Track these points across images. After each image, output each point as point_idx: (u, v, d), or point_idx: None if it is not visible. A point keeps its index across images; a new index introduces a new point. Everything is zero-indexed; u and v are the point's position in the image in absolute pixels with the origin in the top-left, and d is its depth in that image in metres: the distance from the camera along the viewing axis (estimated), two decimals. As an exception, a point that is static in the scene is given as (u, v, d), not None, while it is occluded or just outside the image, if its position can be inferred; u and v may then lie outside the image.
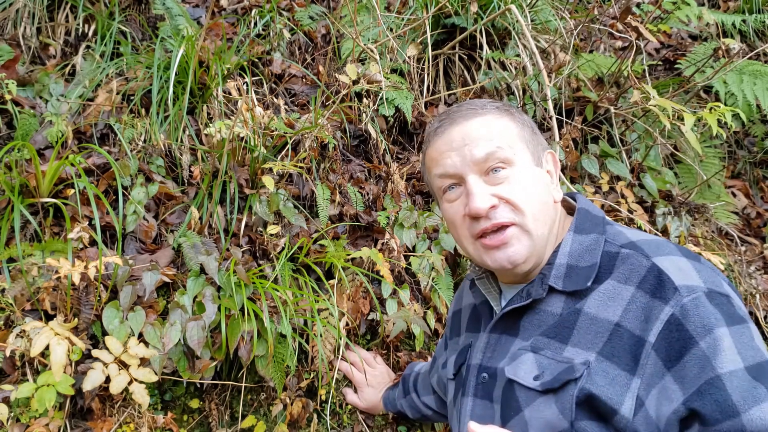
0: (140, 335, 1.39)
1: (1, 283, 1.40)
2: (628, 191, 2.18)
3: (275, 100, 2.09)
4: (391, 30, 2.30)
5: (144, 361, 1.36)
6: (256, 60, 2.19)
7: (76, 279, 1.32)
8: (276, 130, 1.83)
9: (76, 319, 1.38)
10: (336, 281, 1.64)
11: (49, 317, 1.40)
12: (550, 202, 1.01)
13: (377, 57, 2.02)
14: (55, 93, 1.88)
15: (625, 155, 2.26)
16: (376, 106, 2.07)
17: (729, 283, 0.89)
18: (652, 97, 1.82)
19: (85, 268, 1.35)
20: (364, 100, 1.99)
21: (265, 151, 1.80)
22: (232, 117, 1.94)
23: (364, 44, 2.05)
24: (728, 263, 2.14)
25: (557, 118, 2.13)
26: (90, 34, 2.13)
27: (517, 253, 0.96)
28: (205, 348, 1.42)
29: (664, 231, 2.12)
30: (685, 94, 2.43)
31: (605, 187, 2.17)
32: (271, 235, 1.68)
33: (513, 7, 2.08)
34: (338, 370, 1.62)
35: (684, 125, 1.77)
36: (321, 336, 1.55)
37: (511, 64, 2.31)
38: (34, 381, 1.28)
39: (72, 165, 1.59)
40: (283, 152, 1.87)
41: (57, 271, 1.34)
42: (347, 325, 1.65)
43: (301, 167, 1.82)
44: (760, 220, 2.47)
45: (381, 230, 1.82)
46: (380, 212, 1.85)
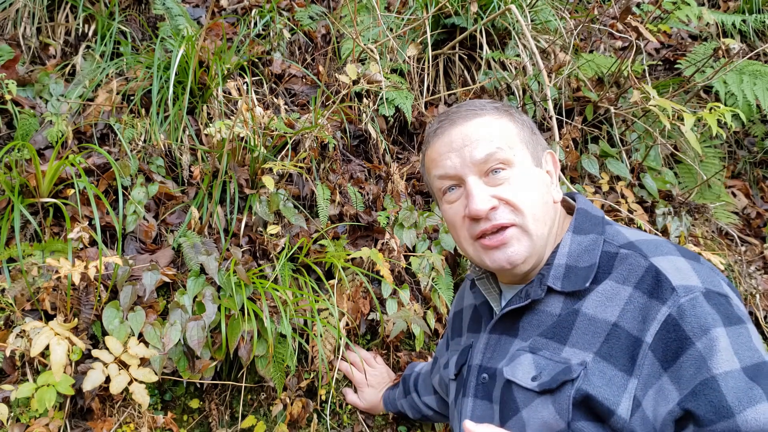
0: (140, 335, 1.39)
1: (1, 283, 1.40)
2: (628, 191, 2.18)
3: (275, 100, 2.09)
4: (391, 30, 2.30)
5: (144, 361, 1.36)
6: (256, 60, 2.19)
7: (76, 279, 1.32)
8: (276, 130, 1.83)
9: (76, 319, 1.38)
10: (336, 281, 1.64)
11: (49, 317, 1.40)
12: (549, 203, 1.01)
13: (377, 57, 2.02)
14: (55, 93, 1.88)
15: (625, 155, 2.26)
16: (376, 106, 2.07)
17: (729, 283, 0.89)
18: (652, 97, 1.82)
19: (85, 268, 1.35)
20: (364, 100, 1.99)
21: (265, 151, 1.80)
22: (232, 117, 1.94)
23: (364, 44, 2.04)
24: (728, 263, 2.14)
25: (557, 118, 2.13)
26: (90, 34, 2.13)
27: (517, 253, 0.96)
28: (205, 348, 1.42)
29: (664, 231, 2.12)
30: (685, 94, 2.43)
31: (605, 187, 2.17)
32: (271, 235, 1.67)
33: (513, 7, 2.08)
34: (338, 370, 1.62)
35: (684, 125, 1.77)
36: (321, 336, 1.55)
37: (511, 64, 2.31)
38: (34, 381, 1.28)
39: (72, 165, 1.59)
40: (283, 152, 1.87)
41: (57, 271, 1.35)
42: (347, 325, 1.65)
43: (301, 167, 1.82)
44: (760, 220, 2.47)
45: (381, 230, 1.82)
46: (380, 212, 1.85)
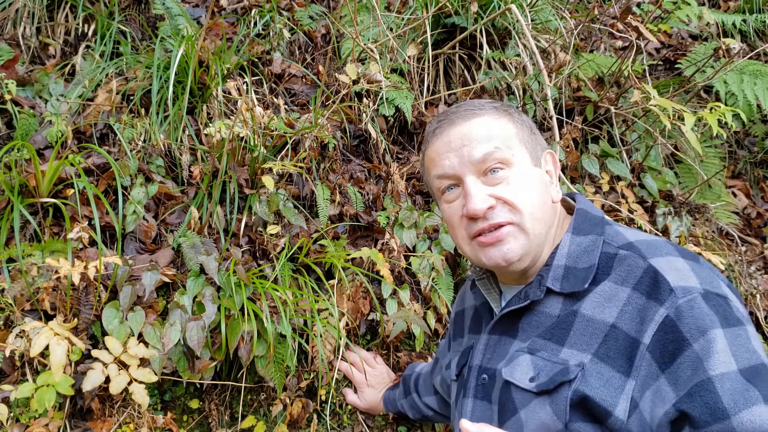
0: (140, 335, 1.39)
1: (1, 283, 1.40)
2: (629, 191, 2.18)
3: (275, 100, 2.09)
4: (391, 30, 2.30)
5: (144, 362, 1.35)
6: (256, 60, 2.19)
7: (76, 279, 1.32)
8: (276, 130, 1.83)
9: (76, 319, 1.38)
10: (336, 281, 1.64)
11: (49, 317, 1.40)
12: (548, 203, 1.01)
13: (377, 57, 2.02)
14: (55, 93, 1.88)
15: (625, 155, 2.26)
16: (376, 106, 2.07)
17: (729, 284, 0.88)
18: (653, 97, 1.82)
19: (85, 268, 1.35)
20: (364, 100, 1.98)
21: (265, 151, 1.80)
22: (231, 117, 1.93)
23: (364, 44, 2.04)
24: (728, 263, 2.14)
25: (557, 118, 2.13)
26: (90, 33, 2.12)
27: (512, 250, 0.95)
28: (204, 348, 1.41)
29: (665, 231, 2.12)
30: (686, 94, 2.43)
31: (605, 187, 2.17)
32: (271, 235, 1.67)
33: (513, 7, 2.08)
34: (338, 370, 1.62)
35: (684, 125, 1.77)
36: (321, 336, 1.55)
37: (511, 63, 2.30)
38: (34, 381, 1.28)
39: (72, 165, 1.59)
40: (283, 152, 1.87)
41: (57, 271, 1.34)
42: (347, 325, 1.65)
43: (301, 167, 1.82)
44: (761, 220, 2.47)
45: (381, 230, 1.82)
46: (380, 212, 1.85)
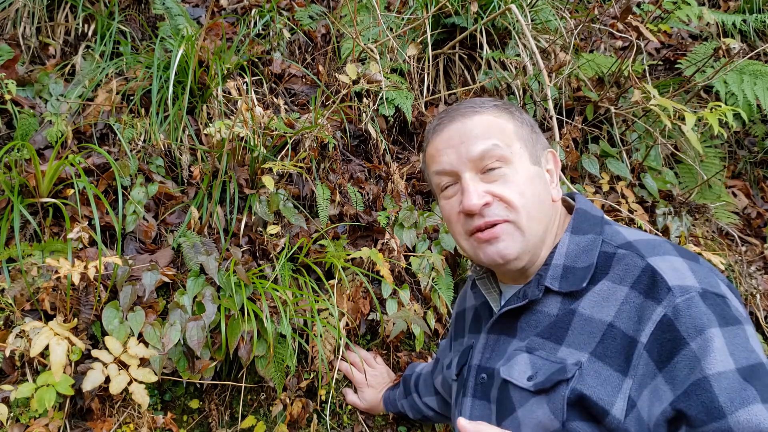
0: (140, 335, 1.39)
1: (1, 283, 1.40)
2: (629, 191, 2.18)
3: (275, 100, 2.09)
4: (391, 30, 2.30)
5: (144, 362, 1.35)
6: (256, 60, 2.19)
7: (76, 279, 1.32)
8: (276, 130, 1.83)
9: (76, 319, 1.38)
10: (336, 281, 1.64)
11: (49, 317, 1.40)
12: (547, 201, 1.01)
13: (377, 57, 2.02)
14: (55, 93, 1.88)
15: (625, 155, 2.26)
16: (376, 106, 2.06)
17: (728, 284, 0.88)
18: (653, 97, 1.82)
19: (85, 268, 1.34)
20: (364, 100, 1.98)
21: (265, 151, 1.80)
22: (231, 117, 1.93)
23: (364, 44, 2.04)
24: (728, 263, 2.14)
25: (557, 118, 2.13)
26: (90, 33, 2.12)
27: (508, 248, 0.96)
28: (204, 348, 1.41)
29: (665, 231, 2.12)
30: (686, 94, 2.43)
31: (606, 187, 2.17)
32: (271, 235, 1.67)
33: (513, 7, 2.08)
34: (338, 370, 1.62)
35: (685, 125, 1.77)
36: (321, 336, 1.55)
37: (511, 63, 2.30)
38: (34, 381, 1.28)
39: (72, 165, 1.58)
40: (283, 152, 1.87)
41: (57, 271, 1.34)
42: (347, 325, 1.65)
43: (301, 167, 1.82)
44: (761, 220, 2.46)
45: (381, 230, 1.82)
46: (380, 212, 1.85)
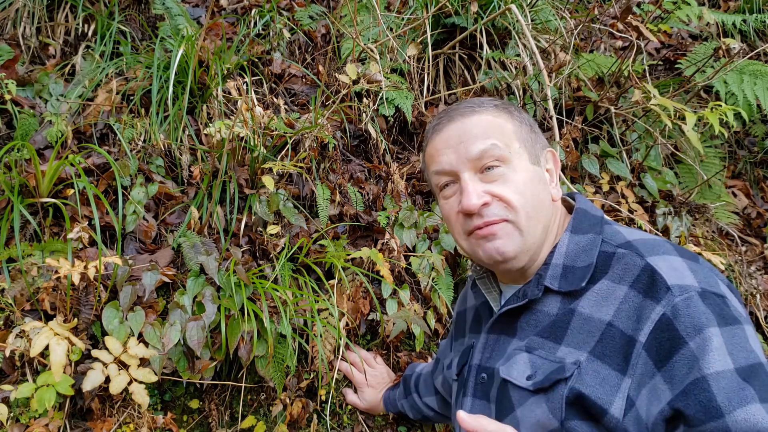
0: (140, 335, 1.39)
1: (1, 283, 1.40)
2: (629, 191, 2.18)
3: (275, 100, 2.09)
4: (391, 30, 2.30)
5: (144, 362, 1.35)
6: (256, 60, 2.19)
7: (76, 279, 1.32)
8: (276, 130, 1.83)
9: (76, 319, 1.38)
10: (336, 281, 1.64)
11: (49, 317, 1.40)
12: (546, 201, 1.01)
13: (377, 57, 2.02)
14: (55, 93, 1.88)
15: (625, 155, 2.26)
16: (376, 106, 2.06)
17: (728, 284, 0.88)
18: (653, 96, 1.82)
19: (85, 268, 1.34)
20: (364, 100, 1.98)
21: (265, 151, 1.80)
22: (231, 117, 1.93)
23: (364, 44, 2.04)
24: (729, 263, 2.14)
25: (557, 118, 2.13)
26: (90, 33, 2.12)
27: (506, 246, 0.96)
28: (204, 348, 1.41)
29: (665, 231, 2.12)
30: (686, 93, 2.43)
31: (605, 187, 2.17)
32: (271, 235, 1.67)
33: (513, 7, 2.08)
34: (338, 370, 1.62)
35: (685, 125, 1.77)
36: (321, 336, 1.55)
37: (511, 63, 2.30)
38: (34, 381, 1.28)
39: (72, 165, 1.58)
40: (283, 152, 1.87)
41: (57, 271, 1.34)
42: (347, 325, 1.65)
43: (301, 167, 1.82)
44: (761, 220, 2.46)
45: (381, 230, 1.82)
46: (380, 212, 1.85)
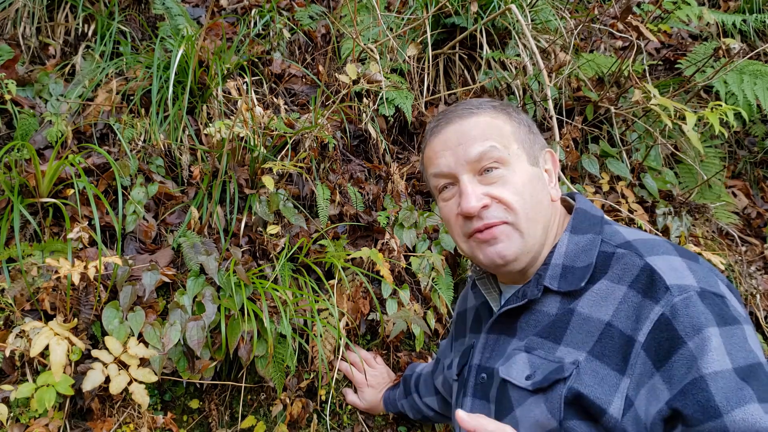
0: (140, 335, 1.39)
1: (1, 283, 1.40)
2: (629, 191, 2.18)
3: (275, 100, 2.09)
4: (391, 30, 2.30)
5: (144, 362, 1.35)
6: (256, 60, 2.19)
7: (76, 279, 1.32)
8: (276, 130, 1.83)
9: (76, 319, 1.38)
10: (336, 281, 1.64)
11: (49, 317, 1.40)
12: (545, 202, 1.00)
13: (377, 57, 2.02)
14: (55, 93, 1.88)
15: (625, 155, 2.26)
16: (376, 106, 2.06)
17: (728, 284, 0.88)
18: (653, 96, 1.82)
19: (85, 268, 1.34)
20: (364, 100, 1.98)
21: (265, 151, 1.80)
22: (231, 117, 1.93)
23: (364, 44, 2.04)
24: (729, 263, 2.14)
25: (557, 118, 2.13)
26: (90, 33, 2.12)
27: (507, 249, 0.96)
28: (204, 348, 1.41)
29: (665, 231, 2.12)
30: (686, 93, 2.43)
31: (605, 187, 2.17)
32: (271, 235, 1.67)
33: (513, 7, 2.08)
34: (338, 370, 1.62)
35: (685, 125, 1.77)
36: (321, 336, 1.55)
37: (511, 63, 2.30)
38: (34, 381, 1.28)
39: (72, 165, 1.58)
40: (283, 152, 1.87)
41: (57, 271, 1.34)
42: (347, 325, 1.65)
43: (301, 167, 1.82)
44: (761, 220, 2.46)
45: (381, 230, 1.82)
46: (380, 212, 1.85)
